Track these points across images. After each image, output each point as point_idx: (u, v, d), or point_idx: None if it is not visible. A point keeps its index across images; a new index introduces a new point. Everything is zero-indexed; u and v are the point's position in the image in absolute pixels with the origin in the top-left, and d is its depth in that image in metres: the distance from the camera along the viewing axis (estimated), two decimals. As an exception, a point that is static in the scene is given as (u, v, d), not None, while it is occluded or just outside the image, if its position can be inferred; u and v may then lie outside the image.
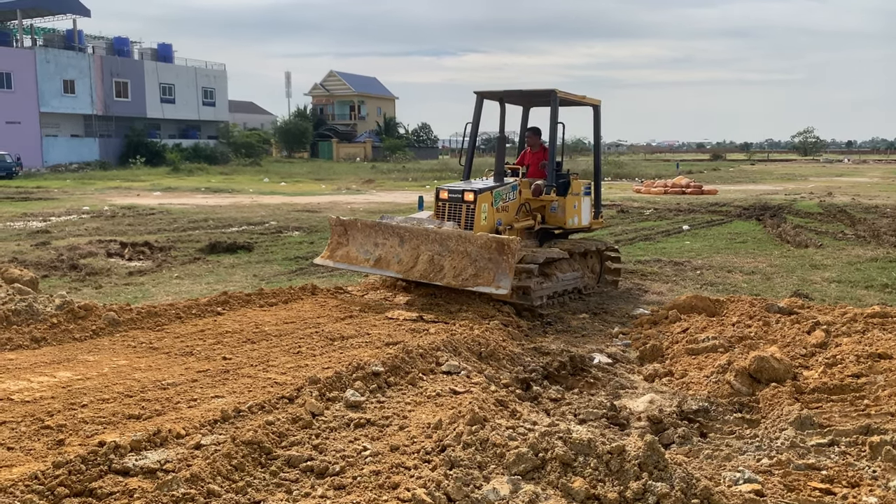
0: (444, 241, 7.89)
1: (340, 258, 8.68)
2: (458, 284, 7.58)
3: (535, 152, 10.00)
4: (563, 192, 9.44)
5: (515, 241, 7.46)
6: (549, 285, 8.57)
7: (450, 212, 8.61)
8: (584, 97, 9.83)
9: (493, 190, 8.67)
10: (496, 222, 8.63)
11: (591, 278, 9.69)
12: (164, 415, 4.50)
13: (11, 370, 5.32)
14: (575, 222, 9.63)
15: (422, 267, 7.92)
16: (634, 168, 50.68)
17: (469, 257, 7.69)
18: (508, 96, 9.95)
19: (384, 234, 8.41)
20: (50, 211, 20.32)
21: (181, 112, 57.95)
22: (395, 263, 8.17)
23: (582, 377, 6.14)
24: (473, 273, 7.59)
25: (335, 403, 4.75)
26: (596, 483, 3.57)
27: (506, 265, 7.46)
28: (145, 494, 3.34)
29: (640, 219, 19.57)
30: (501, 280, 7.43)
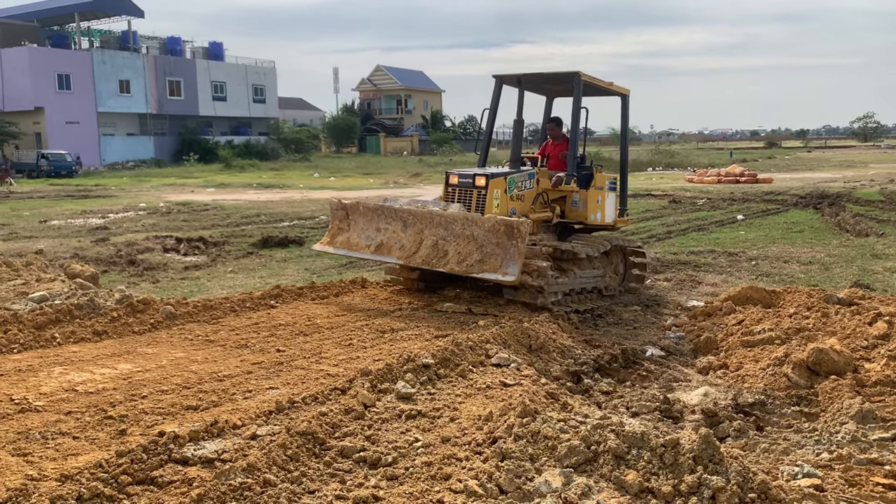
0: (450, 225, 7.35)
1: (341, 244, 8.18)
2: (462, 271, 7.08)
3: (556, 144, 9.31)
4: (586, 184, 8.77)
5: (526, 224, 6.87)
6: (565, 281, 7.90)
7: (460, 198, 8.06)
8: (612, 84, 9.09)
9: (508, 176, 8.07)
10: (510, 211, 8.00)
11: (614, 279, 8.95)
12: (220, 406, 4.60)
13: (75, 362, 5.51)
14: (597, 218, 8.93)
15: (424, 252, 7.39)
16: (686, 157, 49.80)
17: (475, 242, 7.16)
18: (528, 80, 9.14)
19: (387, 218, 7.89)
20: (108, 208, 20.92)
21: (232, 109, 59.00)
22: (397, 249, 7.64)
23: (634, 370, 6.07)
24: (479, 259, 7.06)
25: (386, 395, 4.80)
26: (649, 476, 3.54)
27: (514, 251, 6.91)
28: (204, 483, 3.42)
29: (692, 209, 19.23)
30: (509, 266, 6.88)
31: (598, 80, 8.70)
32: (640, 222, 16.46)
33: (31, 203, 22.76)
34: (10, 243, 13.49)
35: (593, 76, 8.55)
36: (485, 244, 7.09)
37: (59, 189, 29.25)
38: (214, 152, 50.44)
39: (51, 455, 3.85)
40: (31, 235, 14.84)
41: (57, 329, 6.23)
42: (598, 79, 8.70)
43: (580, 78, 8.36)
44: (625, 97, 9.32)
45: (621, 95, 9.27)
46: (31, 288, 7.80)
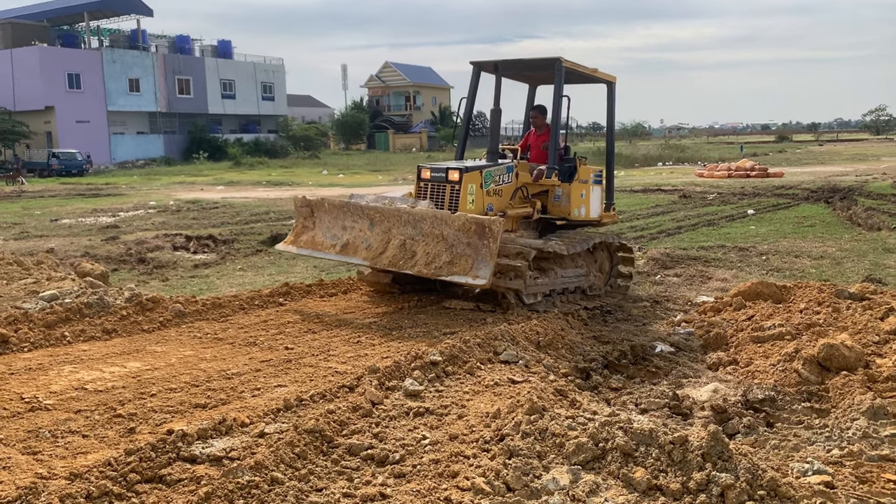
0: (418, 224, 6.90)
1: (305, 244, 7.70)
2: (431, 273, 6.65)
3: (540, 135, 8.71)
4: (569, 177, 8.30)
5: (498, 223, 6.45)
6: (545, 282, 7.51)
7: (432, 193, 7.54)
8: (596, 70, 8.54)
9: (484, 170, 7.55)
10: (486, 207, 7.51)
11: (599, 278, 8.50)
12: (228, 404, 4.61)
13: (85, 360, 5.53)
14: (581, 213, 8.43)
15: (391, 253, 6.96)
16: (696, 152, 49.58)
17: (445, 241, 6.74)
18: (507, 67, 8.62)
19: (353, 215, 7.43)
20: (118, 206, 21.02)
21: (241, 107, 59.14)
22: (364, 249, 7.19)
23: (643, 366, 6.05)
24: (448, 260, 6.64)
25: (394, 392, 4.80)
26: (658, 473, 3.52)
27: (486, 251, 6.50)
28: (212, 481, 3.43)
29: (702, 204, 19.14)
30: (480, 268, 6.47)
31: (581, 66, 8.24)
32: (650, 217, 16.40)
33: (42, 202, 22.90)
34: (21, 242, 13.57)
35: (576, 62, 8.10)
36: (455, 244, 6.69)
37: (69, 188, 29.40)
38: (224, 150, 50.59)
39: (60, 453, 3.87)
40: (42, 234, 14.92)
41: (67, 328, 6.26)
42: (582, 65, 8.24)
43: (562, 64, 7.89)
44: (611, 84, 8.85)
45: (607, 82, 8.82)
46: (42, 287, 7.84)
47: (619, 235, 9.78)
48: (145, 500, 3.38)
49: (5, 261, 9.13)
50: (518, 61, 8.43)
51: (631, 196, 21.65)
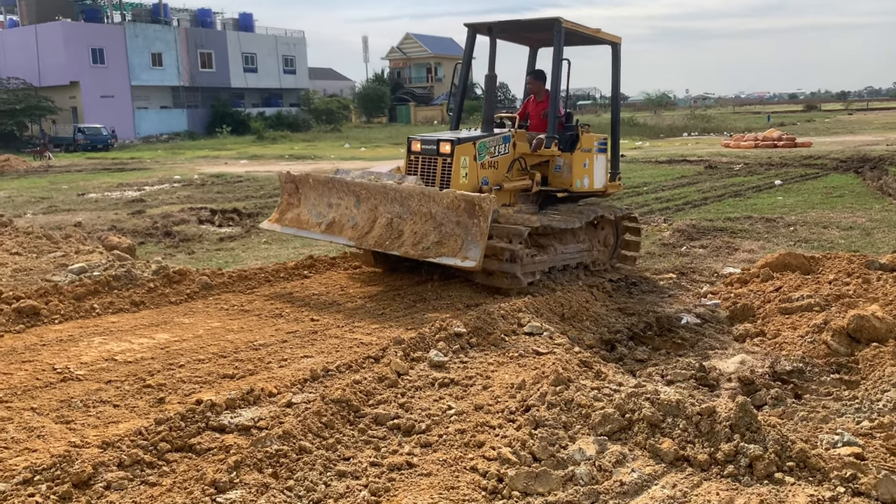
0: (405, 201, 6.56)
1: (290, 222, 7.39)
2: (418, 254, 6.31)
3: (539, 102, 8.20)
4: (570, 146, 7.81)
5: (489, 200, 6.05)
6: (544, 259, 7.11)
7: (423, 167, 7.11)
8: (599, 31, 8.01)
9: (477, 141, 7.10)
10: (481, 181, 7.12)
11: (603, 252, 8.10)
12: (256, 374, 4.66)
13: (114, 332, 5.61)
14: (584, 184, 7.98)
15: (377, 232, 6.62)
16: (722, 122, 48.86)
17: (433, 220, 6.37)
18: (503, 29, 8.13)
19: (338, 192, 7.08)
20: (143, 181, 21.20)
21: (263, 81, 59.12)
22: (350, 228, 6.87)
23: (669, 338, 6.02)
24: (437, 240, 6.28)
25: (419, 363, 4.81)
26: (685, 444, 3.51)
27: (476, 231, 6.10)
28: (241, 450, 3.47)
29: (728, 174, 18.89)
30: (470, 249, 6.09)
31: (582, 26, 7.74)
32: (675, 188, 16.23)
33: (69, 177, 23.15)
34: (50, 216, 13.75)
35: (577, 22, 7.61)
36: (444, 223, 6.31)
37: (95, 162, 29.68)
38: (246, 124, 50.71)
39: (92, 422, 3.94)
40: (70, 208, 15.10)
41: (96, 300, 6.34)
42: (583, 25, 7.78)
43: (561, 25, 7.35)
44: (615, 45, 8.30)
45: (612, 44, 8.27)
46: (71, 260, 7.95)
47: (632, 206, 9.65)
48: (176, 469, 3.44)
49: (34, 234, 9.27)
50: (514, 22, 7.95)
51: (656, 167, 21.41)
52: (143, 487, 3.28)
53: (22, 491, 3.19)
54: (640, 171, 20.24)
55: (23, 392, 4.38)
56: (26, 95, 43.83)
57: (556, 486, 3.25)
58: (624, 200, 14.14)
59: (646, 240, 10.23)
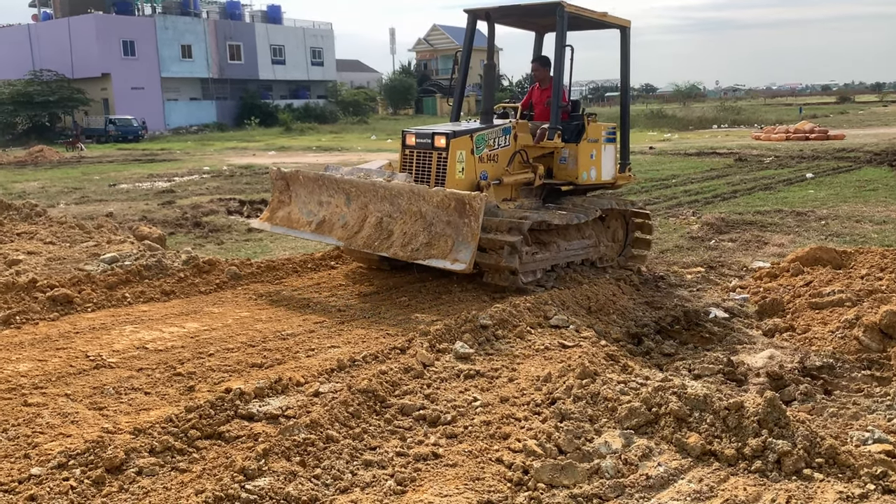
0: (395, 199, 6.28)
1: (280, 221, 7.13)
2: (406, 256, 6.06)
3: (544, 89, 7.83)
4: (576, 137, 7.46)
5: (480, 199, 5.76)
6: (546, 256, 6.77)
7: (418, 162, 6.79)
8: (606, 15, 7.66)
9: (475, 133, 6.78)
10: (479, 175, 6.77)
11: (611, 248, 7.76)
12: (284, 363, 4.72)
13: (145, 321, 5.70)
14: (591, 176, 7.61)
15: (367, 233, 6.37)
16: (753, 114, 48.15)
17: (423, 220, 6.10)
18: (503, 14, 7.75)
19: (329, 190, 6.81)
20: (173, 172, 21.44)
21: (291, 73, 59.39)
22: (339, 228, 6.60)
23: (696, 332, 5.97)
24: (426, 241, 6.01)
25: (445, 355, 4.83)
26: (712, 439, 3.49)
27: (467, 231, 5.83)
28: (269, 438, 3.52)
29: (759, 167, 18.64)
30: (460, 251, 5.81)
31: (587, 10, 7.36)
32: (704, 181, 16.06)
33: (101, 167, 23.49)
34: (82, 206, 13.98)
35: (581, 6, 7.24)
36: (434, 223, 6.04)
37: (126, 153, 30.09)
38: (274, 116, 51.02)
39: (124, 409, 4.01)
40: (102, 199, 15.34)
41: (127, 289, 6.45)
42: (588, 9, 7.37)
43: (563, 9, 7.00)
44: (624, 29, 7.89)
45: (620, 28, 7.88)
46: (103, 249, 8.09)
47: (660, 199, 9.53)
48: (205, 456, 3.50)
49: (68, 224, 9.44)
50: (513, 7, 7.53)
51: (685, 159, 21.19)
52: (173, 473, 3.34)
53: (57, 475, 3.26)
54: (669, 163, 20.04)
55: (57, 378, 4.47)
56: (59, 87, 44.50)
57: (581, 479, 3.26)
58: (652, 193, 14.04)
59: (674, 233, 10.15)
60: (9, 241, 8.50)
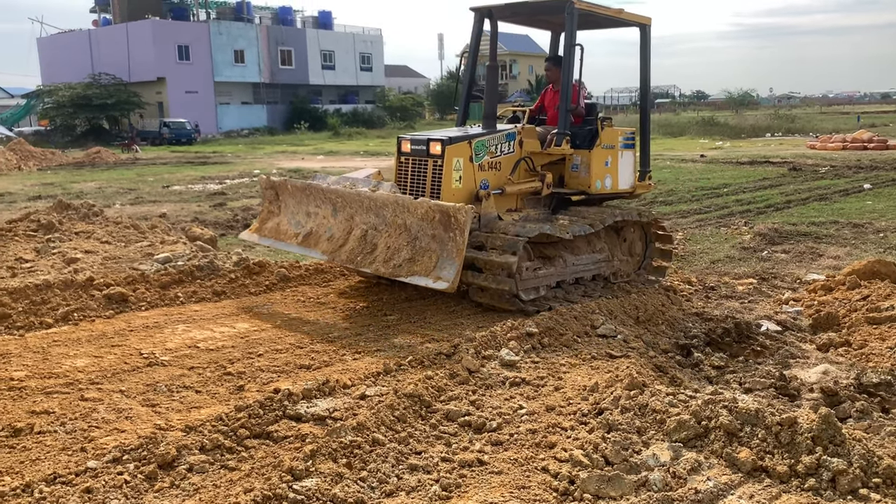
0: (380, 211, 5.91)
1: (269, 232, 6.86)
2: (389, 272, 5.67)
3: (557, 91, 7.29)
4: (589, 143, 7.01)
5: (465, 211, 5.32)
6: (550, 272, 6.33)
7: (413, 170, 6.40)
8: (622, 11, 7.16)
9: (474, 139, 6.36)
10: (479, 184, 6.38)
11: (627, 263, 7.26)
12: (331, 365, 4.77)
13: (197, 321, 5.82)
14: (606, 185, 7.13)
15: (351, 246, 6.01)
16: (808, 122, 47.03)
17: (408, 233, 5.72)
18: (514, 12, 7.29)
19: (316, 200, 6.48)
20: (225, 174, 21.86)
21: (340, 78, 60.08)
22: (325, 240, 6.26)
23: (748, 345, 5.85)
24: (409, 256, 5.62)
25: (490, 361, 4.83)
26: (763, 455, 3.41)
27: (452, 246, 5.41)
28: (316, 440, 3.56)
29: (814, 177, 18.19)
30: (444, 268, 5.40)
31: (601, 7, 6.90)
32: (757, 191, 15.74)
33: (155, 169, 24.07)
34: (137, 207, 14.34)
35: (593, 2, 6.82)
36: (419, 236, 5.65)
37: (179, 156, 30.79)
38: (323, 120, 51.64)
39: (176, 407, 4.10)
40: (155, 200, 15.71)
41: (180, 289, 6.59)
42: (602, 6, 6.92)
43: (573, 6, 6.56)
44: (644, 27, 7.38)
45: (640, 25, 7.37)
46: (156, 250, 8.28)
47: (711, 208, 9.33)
48: (254, 455, 3.55)
49: (123, 224, 9.69)
50: (521, 4, 7.05)
51: (737, 168, 20.80)
52: (222, 471, 3.41)
53: (112, 469, 3.35)
54: (721, 171, 19.70)
55: (112, 375, 4.60)
56: (117, 90, 45.78)
57: (628, 491, 3.22)
58: (703, 202, 13.83)
59: (725, 243, 9.97)
60: (67, 240, 8.77)
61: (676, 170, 20.03)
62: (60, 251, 8.12)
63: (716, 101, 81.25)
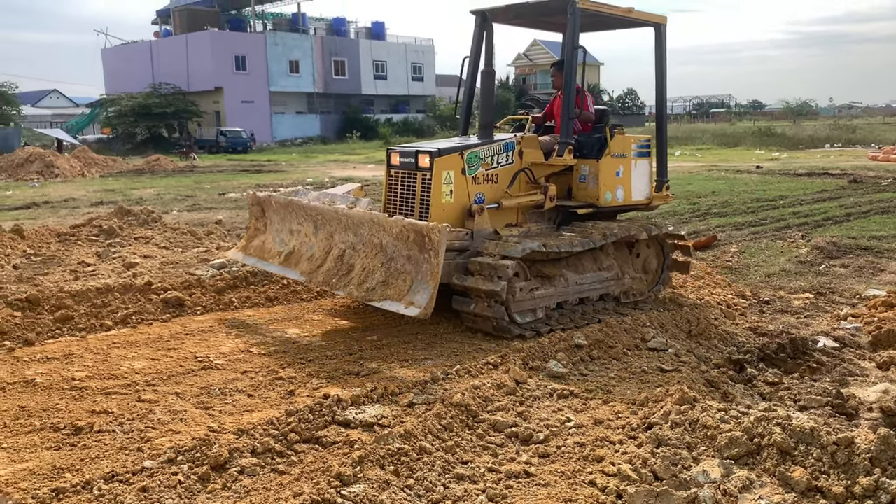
0: (358, 229, 5.58)
1: (254, 250, 6.56)
2: (362, 296, 5.31)
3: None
4: (597, 152, 6.62)
5: (440, 231, 4.94)
6: (549, 293, 5.87)
7: (402, 184, 6.09)
8: (632, 10, 6.68)
9: (467, 151, 6.01)
10: (473, 198, 6.01)
11: (639, 280, 6.75)
12: (379, 373, 4.81)
13: (251, 326, 5.95)
14: (617, 197, 6.69)
15: (327, 267, 5.69)
16: (870, 133, 45.63)
17: (384, 254, 5.37)
18: (514, 14, 6.84)
19: (298, 217, 6.19)
20: (278, 182, 22.25)
21: (392, 88, 60.65)
22: (306, 260, 5.95)
23: (803, 361, 5.70)
24: (383, 279, 5.26)
25: (538, 373, 4.81)
26: (818, 475, 3.33)
27: (427, 269, 5.03)
28: (364, 446, 3.60)
29: (875, 189, 17.64)
30: (418, 292, 5.01)
31: (607, 6, 6.45)
32: (815, 203, 15.34)
33: (212, 176, 24.64)
34: (194, 213, 14.70)
35: (599, 1, 6.39)
36: (395, 257, 5.30)
37: (235, 164, 31.45)
38: (375, 129, 52.19)
39: (229, 410, 4.20)
40: (212, 207, 16.08)
41: (234, 294, 6.74)
42: (609, 5, 6.46)
43: (575, 6, 6.15)
44: (659, 27, 6.96)
45: (654, 25, 6.96)
46: (212, 255, 8.49)
47: (767, 220, 9.08)
48: (303, 459, 3.61)
49: (180, 230, 9.95)
50: (519, 5, 6.64)
51: (794, 180, 20.32)
52: (273, 475, 3.47)
53: (167, 469, 3.45)
54: (777, 183, 19.26)
55: (168, 377, 4.73)
56: (176, 100, 47.08)
57: (677, 508, 3.17)
58: (758, 214, 13.54)
59: (780, 256, 9.74)
60: (127, 245, 9.05)
61: (731, 181, 19.66)
62: (120, 256, 8.39)
63: (773, 110, 79.54)
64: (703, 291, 7.40)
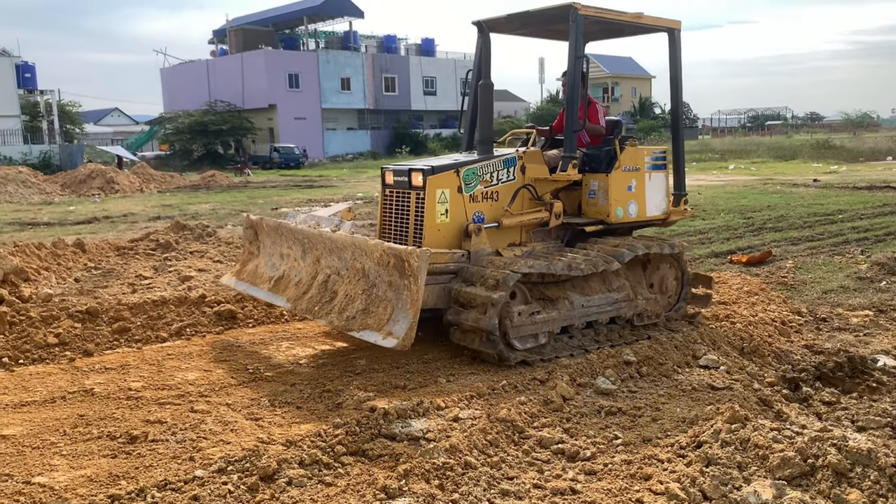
0: (342, 253, 5.35)
1: (247, 276, 6.35)
2: (342, 325, 5.07)
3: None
4: (606, 166, 6.27)
5: (418, 256, 4.68)
6: (552, 317, 5.46)
7: (397, 204, 5.79)
8: (641, 16, 6.30)
9: (463, 168, 5.71)
10: (472, 217, 5.72)
11: (656, 301, 6.27)
12: (425, 387, 4.83)
13: (300, 338, 6.04)
14: (630, 213, 6.31)
15: (312, 293, 5.48)
16: (934, 145, 44.11)
17: (366, 280, 5.13)
18: (515, 23, 6.52)
19: (288, 241, 5.99)
20: (329, 197, 22.57)
21: (441, 103, 61.06)
22: (293, 286, 5.73)
23: (862, 380, 5.53)
24: (363, 307, 5.02)
25: (585, 389, 4.78)
26: (876, 498, 3.22)
27: (407, 296, 4.79)
28: (410, 460, 3.62)
29: (940, 203, 17.03)
30: (397, 321, 4.76)
31: (611, 11, 6.08)
32: (875, 217, 14.88)
33: (265, 192, 25.13)
34: (247, 228, 15.01)
35: (603, 7, 6.05)
36: (377, 283, 5.06)
37: (287, 179, 32.02)
38: (424, 145, 52.56)
39: (278, 421, 4.27)
40: (264, 221, 16.39)
41: (284, 307, 6.85)
42: (615, 10, 6.11)
43: (577, 13, 5.82)
44: (672, 32, 6.61)
45: (668, 30, 6.61)
46: (264, 269, 8.63)
47: (825, 234, 8.80)
48: (350, 472, 3.64)
49: (234, 245, 10.17)
50: (520, 14, 6.31)
51: (853, 193, 19.75)
52: (320, 486, 3.51)
53: (217, 479, 3.52)
54: (836, 197, 18.75)
55: (220, 388, 4.83)
56: (231, 117, 48.24)
57: (727, 529, 3.10)
58: (815, 229, 13.20)
59: (839, 272, 9.47)
60: (183, 259, 9.29)
61: (787, 195, 19.21)
62: (176, 269, 8.62)
63: (831, 122, 77.58)
64: (757, 308, 7.24)
